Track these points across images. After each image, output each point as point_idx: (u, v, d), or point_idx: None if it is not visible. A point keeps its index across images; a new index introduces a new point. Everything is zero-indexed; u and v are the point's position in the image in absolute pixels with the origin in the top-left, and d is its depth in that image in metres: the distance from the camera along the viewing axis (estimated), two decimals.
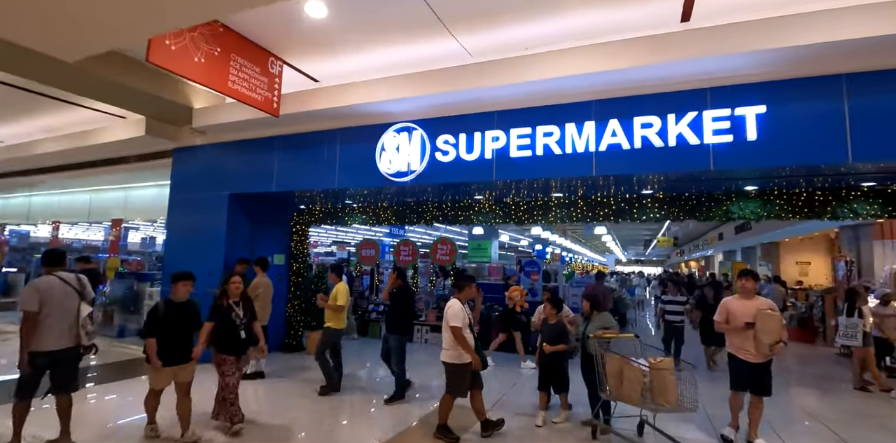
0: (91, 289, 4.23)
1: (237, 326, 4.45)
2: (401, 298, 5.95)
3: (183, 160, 8.14)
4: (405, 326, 5.98)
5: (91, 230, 22.16)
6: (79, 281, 4.08)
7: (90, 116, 8.42)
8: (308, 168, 6.96)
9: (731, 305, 4.52)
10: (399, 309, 5.90)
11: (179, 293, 4.26)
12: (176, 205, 8.08)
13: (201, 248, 7.60)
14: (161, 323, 4.10)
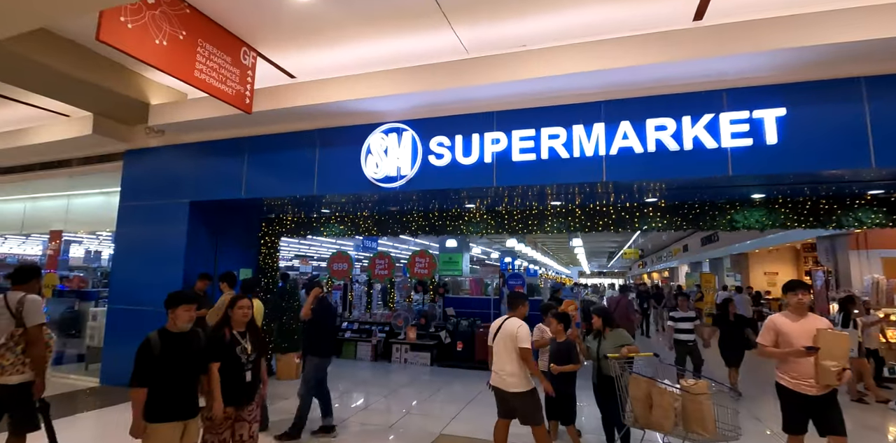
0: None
1: (243, 365, 3.39)
2: (321, 315, 4.96)
3: (136, 164, 7.25)
4: (325, 346, 4.97)
5: (28, 243, 20.23)
6: (19, 303, 3.53)
7: (27, 113, 7.43)
8: (282, 173, 6.26)
9: (781, 325, 3.73)
10: (319, 326, 4.96)
11: (181, 321, 3.17)
12: (126, 214, 7.15)
13: (156, 262, 6.71)
14: (157, 364, 3.00)
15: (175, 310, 3.16)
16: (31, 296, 3.55)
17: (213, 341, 3.34)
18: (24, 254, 21.42)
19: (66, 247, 16.34)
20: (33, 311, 3.50)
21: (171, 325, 3.17)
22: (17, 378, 3.46)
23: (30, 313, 3.48)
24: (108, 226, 9.67)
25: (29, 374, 3.49)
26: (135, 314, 6.75)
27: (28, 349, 3.46)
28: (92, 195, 9.25)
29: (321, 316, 4.99)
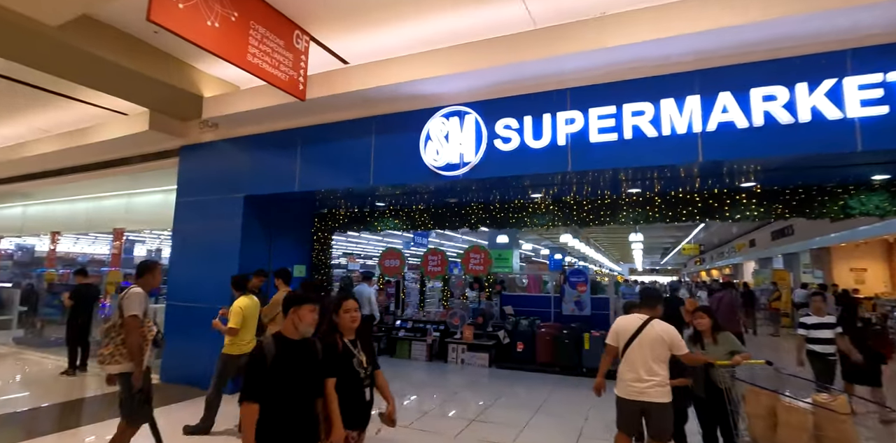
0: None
1: (362, 381, 2.81)
2: None
3: (191, 159, 7.18)
4: None
5: (96, 243, 21.30)
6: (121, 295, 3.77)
7: (89, 112, 7.52)
8: (337, 164, 5.96)
9: None
10: None
11: (304, 325, 2.59)
12: (183, 210, 7.09)
13: (212, 258, 6.59)
14: (271, 376, 2.44)
15: (298, 310, 2.59)
16: (134, 289, 3.70)
17: (327, 353, 2.70)
18: (95, 253, 22.58)
19: (130, 246, 16.99)
20: (130, 301, 3.61)
21: (290, 329, 2.60)
22: (116, 368, 3.56)
23: (127, 304, 3.59)
24: (167, 224, 9.83)
25: (127, 364, 3.56)
26: (191, 311, 6.67)
27: (125, 340, 3.56)
28: (151, 193, 9.39)
29: None
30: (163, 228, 10.18)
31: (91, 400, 6.07)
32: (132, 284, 3.80)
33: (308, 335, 2.64)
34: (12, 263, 16.13)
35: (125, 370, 3.57)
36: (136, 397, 3.62)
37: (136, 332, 3.56)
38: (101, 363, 3.58)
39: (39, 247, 16.97)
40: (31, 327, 10.44)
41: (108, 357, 3.54)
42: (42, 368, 7.76)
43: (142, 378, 3.60)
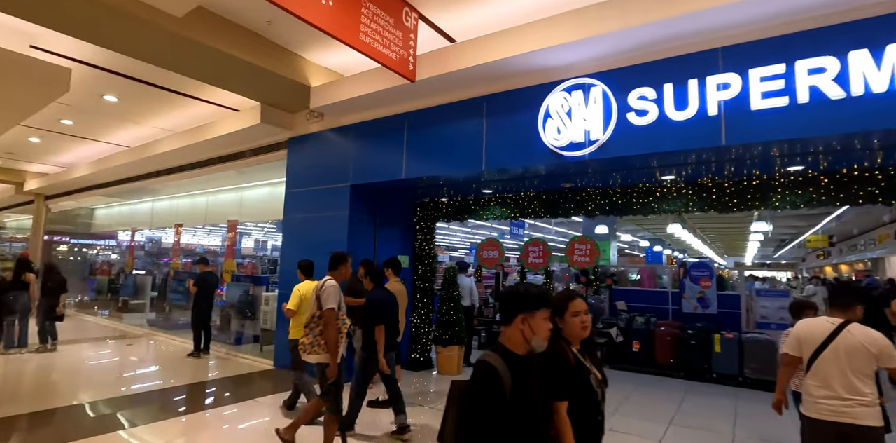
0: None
1: (598, 403, 2.22)
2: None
3: (299, 150, 7.28)
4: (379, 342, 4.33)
5: (210, 236, 23.24)
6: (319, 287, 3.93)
7: (205, 111, 7.91)
8: (445, 149, 5.66)
9: None
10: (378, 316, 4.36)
11: (541, 335, 1.90)
12: (292, 201, 7.22)
13: (320, 248, 6.61)
14: (513, 412, 1.79)
15: (531, 318, 1.88)
16: (330, 282, 3.83)
17: (557, 367, 2.08)
18: (208, 244, 24.71)
19: (239, 237, 18.22)
20: (328, 295, 3.73)
21: (517, 342, 1.90)
22: (314, 358, 3.69)
23: (325, 297, 3.71)
24: (273, 216, 10.22)
25: (324, 355, 3.67)
26: None
27: (322, 332, 3.69)
28: (259, 187, 9.80)
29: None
30: (270, 219, 10.65)
31: (213, 382, 6.35)
32: (327, 275, 3.92)
33: (542, 350, 1.95)
34: (144, 254, 17.99)
35: (322, 361, 3.68)
36: (329, 389, 3.70)
37: (333, 325, 3.67)
38: (302, 352, 3.74)
39: (165, 239, 18.81)
40: (161, 311, 11.47)
41: (308, 347, 3.71)
42: (171, 349, 8.38)
43: (336, 370, 3.70)
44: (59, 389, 5.78)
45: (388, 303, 4.45)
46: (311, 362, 3.72)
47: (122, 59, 6.03)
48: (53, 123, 8.89)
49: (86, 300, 14.74)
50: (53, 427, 4.56)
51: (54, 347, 7.69)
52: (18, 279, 7.50)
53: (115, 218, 15.76)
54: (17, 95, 5.71)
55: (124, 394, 5.58)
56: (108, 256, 18.44)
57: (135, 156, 9.96)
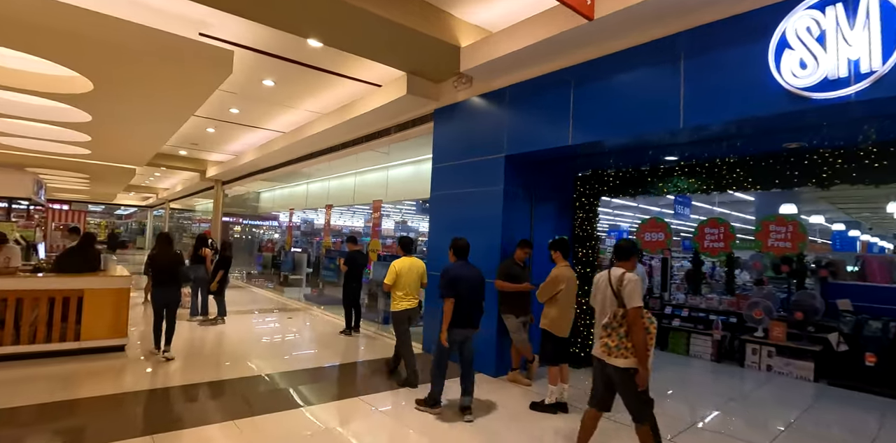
0: None
1: None
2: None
3: (445, 122, 6.77)
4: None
5: (355, 216, 24.69)
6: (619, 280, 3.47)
7: (351, 90, 7.83)
8: (625, 106, 4.62)
9: None
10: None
11: None
12: (440, 176, 6.76)
13: (471, 227, 6.07)
14: None
15: None
16: (630, 274, 3.30)
17: None
18: (351, 225, 26.35)
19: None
20: (631, 290, 3.20)
21: None
22: (622, 362, 3.20)
23: (627, 293, 3.20)
24: (417, 195, 10.03)
25: (633, 359, 3.17)
26: None
27: (629, 333, 3.19)
28: (403, 165, 9.65)
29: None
30: (414, 199, 10.50)
31: (368, 364, 6.22)
32: (615, 266, 3.45)
33: None
34: (300, 233, 19.62)
35: (630, 366, 3.18)
36: (639, 397, 3.22)
37: (641, 325, 3.15)
38: (607, 355, 3.24)
39: (316, 220, 20.31)
40: (315, 286, 12.19)
41: (614, 350, 3.23)
42: (325, 325, 8.66)
43: (647, 378, 3.17)
44: (233, 358, 6.10)
45: (463, 278, 4.33)
46: (618, 365, 3.19)
47: (278, 41, 6.10)
48: (224, 112, 9.64)
49: (254, 273, 16.52)
50: (241, 398, 4.67)
51: (219, 320, 8.24)
52: (196, 253, 8.25)
53: (276, 200, 17.31)
54: (191, 80, 6.01)
55: (291, 370, 5.65)
56: (271, 235, 20.57)
57: (290, 139, 10.47)
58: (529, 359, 5.46)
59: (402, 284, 5.16)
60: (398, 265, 5.15)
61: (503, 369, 5.65)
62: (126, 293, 5.94)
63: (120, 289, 5.88)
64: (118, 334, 5.85)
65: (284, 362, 5.97)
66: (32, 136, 9.99)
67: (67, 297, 5.57)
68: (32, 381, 4.77)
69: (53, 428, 3.81)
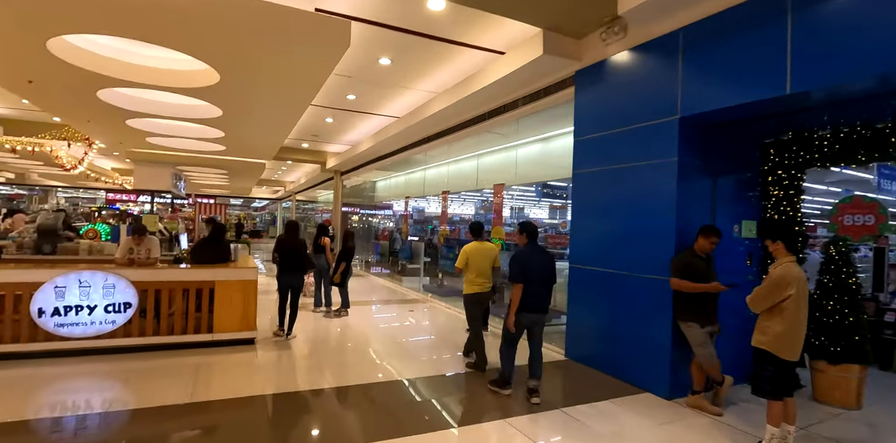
0: None
1: None
2: None
3: (591, 84, 5.61)
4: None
5: (465, 204, 24.15)
6: None
7: (471, 62, 6.98)
8: (868, 31, 3.15)
9: None
10: None
11: None
12: (585, 150, 5.66)
13: (629, 210, 4.92)
14: None
15: None
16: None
17: None
18: (462, 213, 25.85)
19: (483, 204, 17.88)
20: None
21: None
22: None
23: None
24: (544, 177, 8.96)
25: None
26: (601, 278, 5.24)
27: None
28: (529, 144, 8.62)
29: None
30: (539, 181, 9.43)
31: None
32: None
33: None
34: (413, 221, 19.54)
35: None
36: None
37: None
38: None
39: (427, 208, 20.07)
40: (434, 277, 11.73)
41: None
42: (449, 319, 8.04)
43: None
44: (364, 356, 5.66)
45: (533, 263, 4.31)
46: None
47: (395, 11, 5.46)
48: (341, 99, 9.39)
49: (371, 261, 16.71)
50: (384, 410, 4.14)
51: (342, 311, 7.99)
52: (317, 243, 8.06)
53: (391, 189, 17.27)
54: (309, 59, 5.61)
55: (426, 375, 5.02)
56: (386, 224, 20.82)
57: (405, 123, 9.95)
58: (718, 381, 4.21)
59: (472, 267, 5.21)
60: (468, 249, 5.27)
61: (679, 390, 4.46)
62: (253, 285, 5.76)
63: (247, 281, 5.71)
64: (247, 327, 5.70)
65: (418, 365, 5.39)
66: (179, 135, 10.74)
67: (200, 288, 5.51)
68: (172, 374, 4.68)
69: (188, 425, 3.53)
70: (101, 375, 4.65)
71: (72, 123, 10.31)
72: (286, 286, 6.13)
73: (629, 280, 4.90)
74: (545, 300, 4.33)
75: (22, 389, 4.19)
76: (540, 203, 16.57)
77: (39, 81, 7.04)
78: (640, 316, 4.77)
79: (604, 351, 5.20)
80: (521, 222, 4.56)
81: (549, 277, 4.34)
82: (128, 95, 8.07)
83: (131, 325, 5.20)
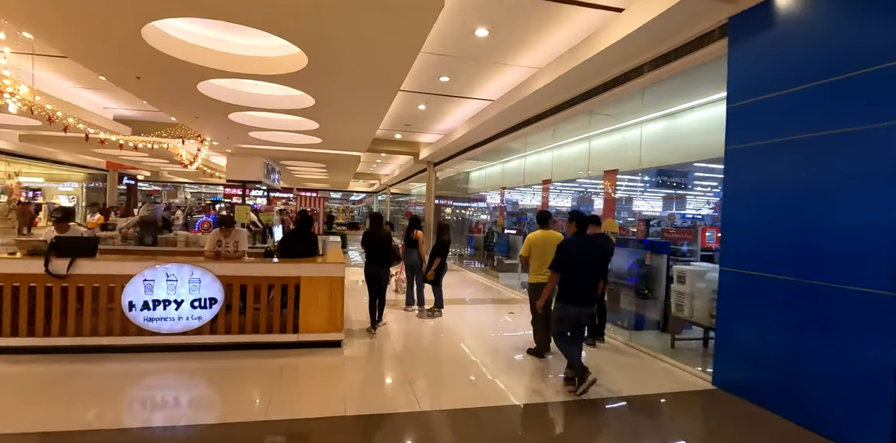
0: None
1: None
2: None
3: (752, 34, 4.28)
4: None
5: (562, 196, 22.60)
6: None
7: (579, 27, 5.91)
8: None
9: None
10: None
11: None
12: (742, 120, 4.36)
13: (817, 194, 3.60)
14: None
15: None
16: None
17: None
18: (558, 206, 24.27)
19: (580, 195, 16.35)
20: None
21: None
22: None
23: None
24: (671, 159, 7.57)
25: None
26: (776, 287, 3.94)
27: None
28: (655, 120, 7.28)
29: None
30: (663, 164, 8.01)
31: (640, 401, 4.28)
32: None
33: None
34: (507, 214, 18.57)
35: None
36: None
37: None
38: None
39: (521, 200, 18.92)
40: None
41: None
42: None
43: None
44: (469, 368, 4.93)
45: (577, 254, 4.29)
46: None
47: None
48: (433, 81, 8.72)
49: (464, 254, 16.08)
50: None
51: (436, 312, 7.32)
52: (409, 237, 7.46)
53: (485, 180, 16.43)
54: (398, 29, 4.93)
55: (546, 401, 4.14)
56: (478, 216, 20.08)
57: (503, 105, 9.02)
58: None
59: (535, 256, 5.26)
60: (532, 237, 5.35)
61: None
62: (340, 282, 5.26)
63: (334, 277, 5.22)
64: (334, 328, 5.22)
65: (530, 381, 4.54)
66: (278, 128, 10.87)
67: (285, 284, 5.11)
68: (254, 377, 4.29)
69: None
70: (189, 373, 4.39)
71: (183, 120, 10.79)
72: (373, 279, 6.12)
73: (826, 293, 3.58)
74: (590, 294, 4.32)
75: (114, 386, 4.01)
76: (644, 194, 14.72)
77: (145, 77, 7.20)
78: (842, 342, 3.46)
79: (777, 384, 3.92)
80: (570, 212, 4.59)
81: (593, 270, 4.34)
82: (226, 88, 8.09)
83: (217, 321, 4.93)
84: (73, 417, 3.38)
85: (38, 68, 8.92)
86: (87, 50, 6.01)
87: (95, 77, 8.65)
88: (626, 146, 7.57)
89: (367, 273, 6.17)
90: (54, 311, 4.63)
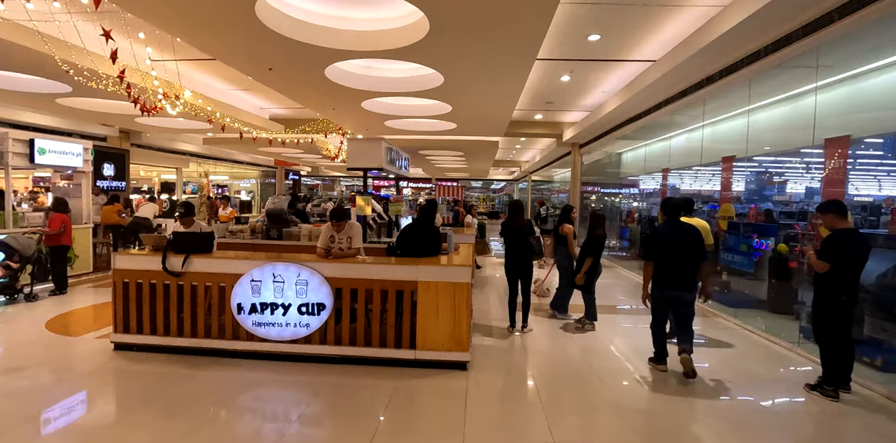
0: None
1: None
2: None
3: None
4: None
5: (711, 180, 18.83)
6: None
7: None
8: None
9: None
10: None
11: None
12: None
13: None
14: None
15: None
16: None
17: None
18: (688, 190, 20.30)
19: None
20: None
21: None
22: None
23: None
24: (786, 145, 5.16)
25: None
26: None
27: None
28: (771, 107, 4.97)
29: None
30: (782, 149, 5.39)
31: None
32: None
33: None
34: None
35: None
36: None
37: None
38: None
39: (678, 184, 15.96)
40: (712, 276, 8.60)
41: None
42: (745, 349, 5.16)
43: None
44: (622, 416, 3.60)
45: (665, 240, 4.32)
46: None
47: None
48: (579, 43, 7.16)
49: (616, 246, 14.05)
50: None
51: (587, 325, 5.88)
52: (557, 232, 6.20)
53: (639, 162, 14.12)
54: None
55: None
56: (631, 203, 17.60)
57: (673, 61, 7.03)
58: None
59: None
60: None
61: None
62: (466, 289, 4.24)
63: (458, 283, 4.22)
64: (458, 346, 4.24)
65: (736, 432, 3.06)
66: (412, 115, 10.41)
67: (400, 289, 4.27)
68: (362, 401, 3.52)
69: None
70: (301, 387, 3.83)
71: (322, 112, 10.89)
72: (514, 275, 5.65)
73: None
74: (684, 276, 4.25)
75: (223, 397, 3.59)
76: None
77: (276, 67, 7.06)
78: None
79: None
80: (665, 198, 4.56)
81: (685, 254, 4.23)
82: (353, 73, 7.69)
83: (326, 330, 4.31)
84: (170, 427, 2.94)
85: (198, 72, 9.56)
86: (217, 42, 5.92)
87: (245, 77, 8.94)
88: (862, 105, 5.17)
89: (507, 269, 5.68)
90: (172, 309, 4.45)
